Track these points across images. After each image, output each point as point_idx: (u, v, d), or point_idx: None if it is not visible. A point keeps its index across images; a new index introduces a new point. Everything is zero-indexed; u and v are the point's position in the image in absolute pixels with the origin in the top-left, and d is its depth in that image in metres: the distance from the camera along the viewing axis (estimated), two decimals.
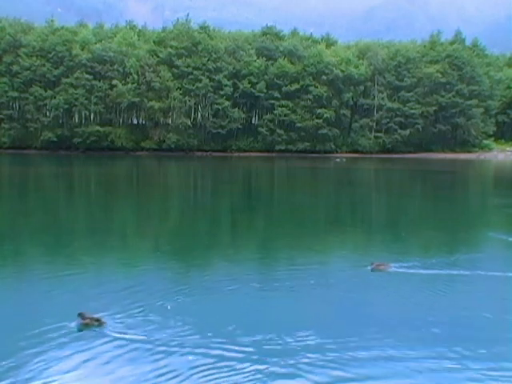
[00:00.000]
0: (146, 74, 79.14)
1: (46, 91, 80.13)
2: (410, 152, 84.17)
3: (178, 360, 8.08)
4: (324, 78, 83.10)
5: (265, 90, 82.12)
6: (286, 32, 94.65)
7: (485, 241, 18.58)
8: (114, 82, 78.80)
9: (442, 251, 15.84)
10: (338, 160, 69.92)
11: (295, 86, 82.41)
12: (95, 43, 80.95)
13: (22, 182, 40.00)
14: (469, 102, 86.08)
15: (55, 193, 33.63)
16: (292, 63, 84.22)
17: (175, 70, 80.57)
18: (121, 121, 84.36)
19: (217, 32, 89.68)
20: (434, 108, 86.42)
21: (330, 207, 28.22)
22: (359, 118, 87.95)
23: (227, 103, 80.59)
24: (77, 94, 78.89)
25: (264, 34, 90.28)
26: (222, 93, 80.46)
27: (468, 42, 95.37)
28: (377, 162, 71.09)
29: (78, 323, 9.25)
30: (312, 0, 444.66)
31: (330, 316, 10.24)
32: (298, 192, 35.18)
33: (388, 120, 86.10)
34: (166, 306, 10.26)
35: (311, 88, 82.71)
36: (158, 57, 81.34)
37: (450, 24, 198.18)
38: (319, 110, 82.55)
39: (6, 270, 13.57)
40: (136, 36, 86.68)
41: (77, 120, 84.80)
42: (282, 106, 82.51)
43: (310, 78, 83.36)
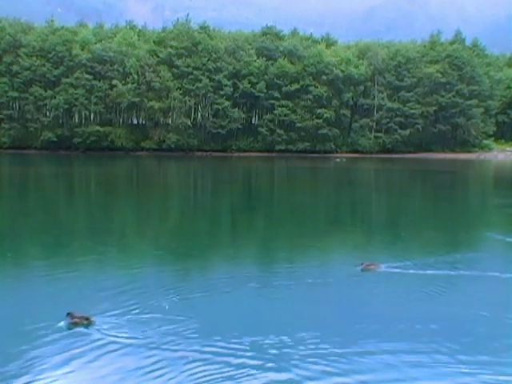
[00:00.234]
0: (146, 73, 79.14)
1: (46, 91, 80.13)
2: (410, 152, 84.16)
3: (167, 359, 8.05)
4: (324, 77, 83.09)
5: (265, 90, 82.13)
6: (286, 32, 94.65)
7: (482, 241, 18.55)
8: (114, 82, 78.80)
9: (438, 251, 15.79)
10: (337, 160, 69.93)
11: (295, 86, 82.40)
12: (95, 43, 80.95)
13: (22, 182, 39.99)
14: (469, 102, 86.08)
15: (55, 193, 33.63)
16: (292, 63, 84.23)
17: (175, 70, 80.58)
18: (121, 121, 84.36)
19: (217, 32, 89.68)
20: (434, 108, 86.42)
21: (329, 207, 28.22)
22: (359, 118, 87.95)
23: (227, 103, 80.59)
24: (77, 93, 78.89)
25: (264, 33, 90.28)
26: (222, 93, 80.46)
27: (468, 42, 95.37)
28: (377, 162, 71.08)
29: (66, 322, 9.27)
30: (312, 0, 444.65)
31: (322, 316, 10.23)
32: (297, 192, 35.18)
33: (388, 120, 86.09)
34: (164, 306, 10.24)
35: (311, 88, 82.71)
36: (158, 57, 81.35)
37: (450, 24, 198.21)
38: (319, 110, 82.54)
39: (1, 269, 13.58)
40: (136, 36, 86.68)
41: (77, 120, 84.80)
42: (282, 106, 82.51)
43: (310, 77, 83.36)
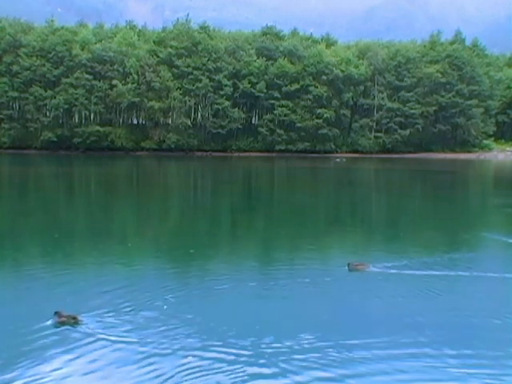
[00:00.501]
0: (146, 73, 79.14)
1: (46, 91, 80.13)
2: (410, 152, 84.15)
3: (155, 358, 8.06)
4: (324, 77, 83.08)
5: (265, 90, 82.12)
6: (286, 32, 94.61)
7: (479, 241, 18.47)
8: (114, 82, 78.80)
9: (435, 252, 15.75)
10: (338, 160, 69.93)
11: (295, 86, 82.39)
12: (95, 43, 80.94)
13: (22, 182, 39.99)
14: (469, 102, 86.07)
15: (55, 193, 33.63)
16: (292, 63, 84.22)
17: (175, 70, 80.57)
18: (121, 121, 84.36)
19: (217, 32, 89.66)
20: (434, 108, 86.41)
21: (329, 207, 28.23)
22: (359, 118, 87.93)
23: (227, 103, 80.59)
24: (77, 93, 78.88)
25: (264, 33, 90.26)
26: (222, 93, 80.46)
27: (468, 42, 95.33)
28: (377, 162, 71.09)
29: (54, 321, 9.27)
30: (312, 0, 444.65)
31: (311, 315, 10.25)
32: (297, 192, 35.18)
33: (388, 120, 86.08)
34: (162, 306, 10.24)
35: (311, 88, 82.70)
36: (158, 57, 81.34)
37: (450, 24, 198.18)
38: (319, 110, 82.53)
39: None
40: (136, 36, 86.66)
41: (77, 120, 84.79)
42: (282, 106, 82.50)
43: (310, 77, 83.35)
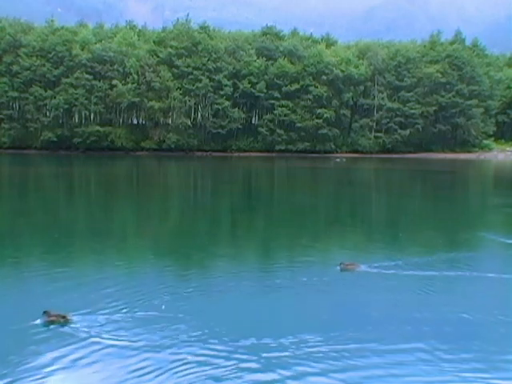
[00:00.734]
0: (146, 73, 79.13)
1: (46, 91, 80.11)
2: (410, 152, 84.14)
3: (143, 357, 8.07)
4: (324, 77, 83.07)
5: (265, 90, 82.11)
6: (286, 32, 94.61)
7: (477, 241, 18.42)
8: (114, 82, 78.78)
9: (432, 252, 15.73)
10: (338, 160, 69.92)
11: (295, 86, 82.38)
12: (95, 43, 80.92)
13: (22, 181, 40.00)
14: (469, 102, 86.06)
15: (55, 193, 33.63)
16: (292, 63, 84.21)
17: (175, 70, 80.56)
18: (121, 121, 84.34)
19: (217, 32, 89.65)
20: (434, 108, 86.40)
21: (329, 207, 28.24)
22: (359, 118, 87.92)
23: (227, 103, 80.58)
24: (77, 93, 78.86)
25: (264, 34, 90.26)
26: (222, 93, 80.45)
27: (468, 42, 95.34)
28: (377, 162, 71.10)
29: (43, 320, 9.28)
30: (312, 0, 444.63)
31: (308, 315, 10.29)
32: (297, 192, 35.19)
33: (388, 120, 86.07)
34: (161, 306, 10.24)
35: (311, 88, 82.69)
36: (158, 57, 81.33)
37: (450, 24, 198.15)
38: (319, 110, 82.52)
39: None
40: (136, 36, 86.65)
41: (77, 120, 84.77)
42: (282, 106, 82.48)
43: (310, 77, 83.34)
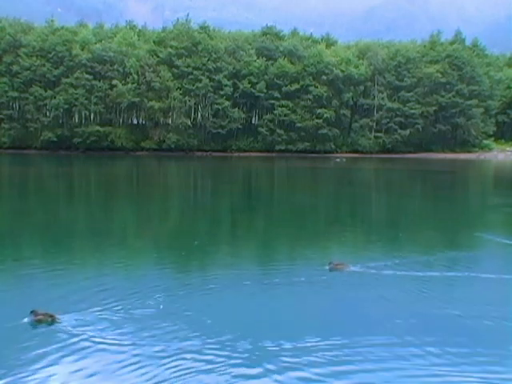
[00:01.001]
0: (146, 73, 79.15)
1: (46, 91, 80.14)
2: (410, 152, 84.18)
3: (126, 356, 8.06)
4: (324, 77, 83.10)
5: (265, 90, 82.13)
6: (286, 32, 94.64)
7: (474, 242, 18.27)
8: (114, 82, 78.81)
9: (425, 252, 15.67)
10: (337, 160, 69.93)
11: (295, 86, 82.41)
12: (95, 43, 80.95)
13: (22, 182, 40.00)
14: (469, 102, 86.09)
15: (55, 193, 33.62)
16: (292, 63, 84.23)
17: (175, 70, 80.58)
18: (121, 121, 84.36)
19: (217, 32, 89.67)
20: (434, 108, 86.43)
21: (329, 207, 28.24)
22: (359, 118, 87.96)
23: (227, 103, 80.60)
24: (77, 93, 78.89)
25: (264, 34, 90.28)
26: (222, 93, 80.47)
27: (468, 42, 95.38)
28: (377, 162, 71.10)
29: (30, 320, 9.27)
30: (312, 0, 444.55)
31: (305, 314, 10.29)
32: (297, 192, 35.18)
33: (388, 120, 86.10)
34: (159, 306, 10.22)
35: (311, 88, 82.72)
36: (158, 57, 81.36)
37: (450, 24, 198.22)
38: (319, 110, 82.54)
39: None
40: (136, 36, 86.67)
41: (77, 120, 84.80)
42: (282, 106, 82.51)
43: (310, 77, 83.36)
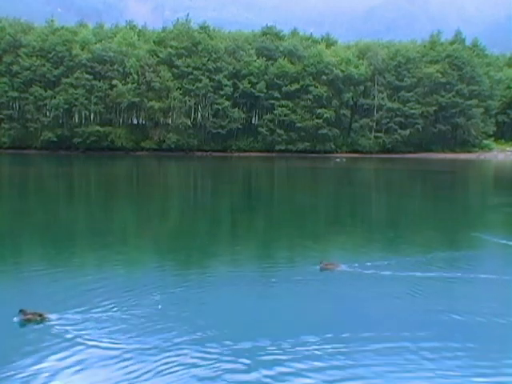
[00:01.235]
0: (146, 73, 79.14)
1: (46, 91, 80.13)
2: (410, 152, 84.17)
3: (116, 356, 8.03)
4: (324, 77, 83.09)
5: (265, 90, 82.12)
6: (286, 32, 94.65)
7: (468, 242, 18.16)
8: (114, 82, 78.80)
9: (421, 252, 15.67)
10: (338, 160, 69.93)
11: (295, 86, 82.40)
12: (95, 43, 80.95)
13: (22, 182, 40.00)
14: (469, 102, 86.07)
15: (55, 193, 33.63)
16: (292, 63, 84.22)
17: (175, 70, 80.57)
18: (121, 121, 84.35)
19: (217, 32, 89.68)
20: (434, 108, 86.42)
21: (329, 207, 28.25)
22: (359, 117, 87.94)
23: (227, 103, 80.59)
24: (77, 93, 78.89)
25: (264, 34, 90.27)
26: (222, 93, 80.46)
27: (468, 42, 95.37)
28: (377, 162, 71.10)
29: (19, 319, 9.30)
30: None
31: (302, 314, 10.29)
32: (297, 192, 35.19)
33: (388, 120, 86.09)
34: (157, 306, 10.21)
35: (311, 88, 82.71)
36: (158, 57, 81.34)
37: (450, 24, 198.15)
38: (319, 110, 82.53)
39: None
40: (136, 36, 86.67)
41: (77, 120, 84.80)
42: (282, 106, 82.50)
43: (310, 77, 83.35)
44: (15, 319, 9.29)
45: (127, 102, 78.85)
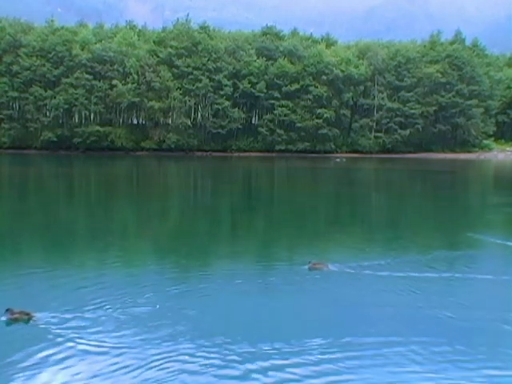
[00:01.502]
0: (146, 73, 79.17)
1: (46, 91, 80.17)
2: (410, 152, 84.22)
3: (107, 356, 7.99)
4: (324, 77, 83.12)
5: (265, 90, 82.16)
6: (286, 32, 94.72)
7: (467, 242, 17.96)
8: (114, 82, 78.84)
9: (418, 252, 15.59)
10: (338, 160, 69.94)
11: (295, 86, 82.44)
12: (95, 43, 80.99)
13: (22, 182, 39.99)
14: (469, 102, 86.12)
15: (55, 193, 33.62)
16: (292, 63, 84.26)
17: (175, 70, 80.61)
18: (121, 121, 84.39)
19: (217, 32, 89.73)
20: (434, 108, 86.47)
21: (329, 207, 28.25)
22: (359, 118, 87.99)
23: (227, 103, 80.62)
24: (77, 93, 78.93)
25: (264, 34, 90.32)
26: (222, 93, 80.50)
27: (468, 42, 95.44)
28: (377, 162, 71.09)
29: (6, 318, 9.27)
30: None
31: (301, 314, 10.27)
32: (297, 192, 35.18)
33: (388, 120, 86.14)
34: (155, 305, 10.18)
35: (311, 88, 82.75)
36: (158, 57, 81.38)
37: (450, 24, 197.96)
38: (319, 110, 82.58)
39: None
40: (136, 36, 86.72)
41: (77, 120, 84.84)
42: (282, 106, 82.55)
43: (310, 77, 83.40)
44: (2, 318, 9.26)
45: (127, 102, 78.89)
